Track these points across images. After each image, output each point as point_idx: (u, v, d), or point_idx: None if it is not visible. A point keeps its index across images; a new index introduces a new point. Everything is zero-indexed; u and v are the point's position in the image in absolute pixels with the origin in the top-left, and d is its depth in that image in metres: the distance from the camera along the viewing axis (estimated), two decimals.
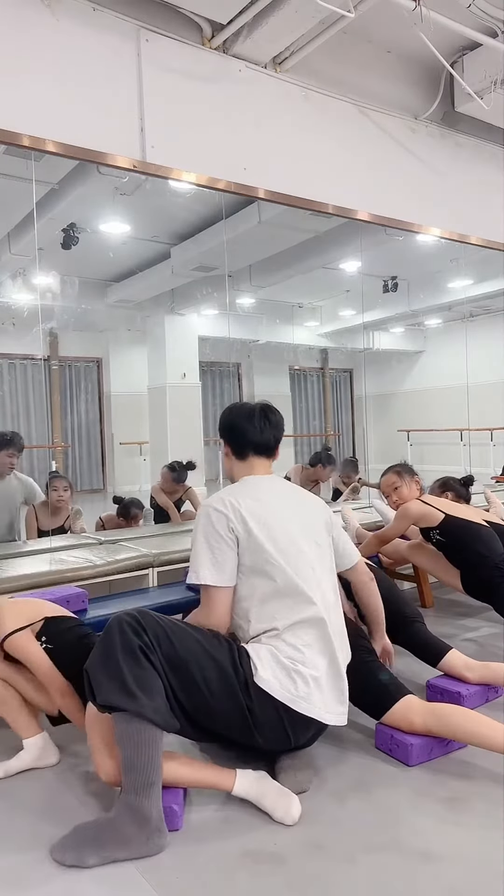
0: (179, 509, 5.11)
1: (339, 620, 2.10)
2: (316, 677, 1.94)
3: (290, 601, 1.98)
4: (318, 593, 2.02)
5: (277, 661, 1.92)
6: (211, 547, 2.02)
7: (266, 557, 1.99)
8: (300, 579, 2.00)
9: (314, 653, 1.96)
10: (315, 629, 1.99)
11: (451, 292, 8.27)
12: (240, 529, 2.01)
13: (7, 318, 7.38)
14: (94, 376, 9.28)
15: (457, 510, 3.20)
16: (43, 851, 1.73)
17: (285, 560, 2.00)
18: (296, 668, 1.92)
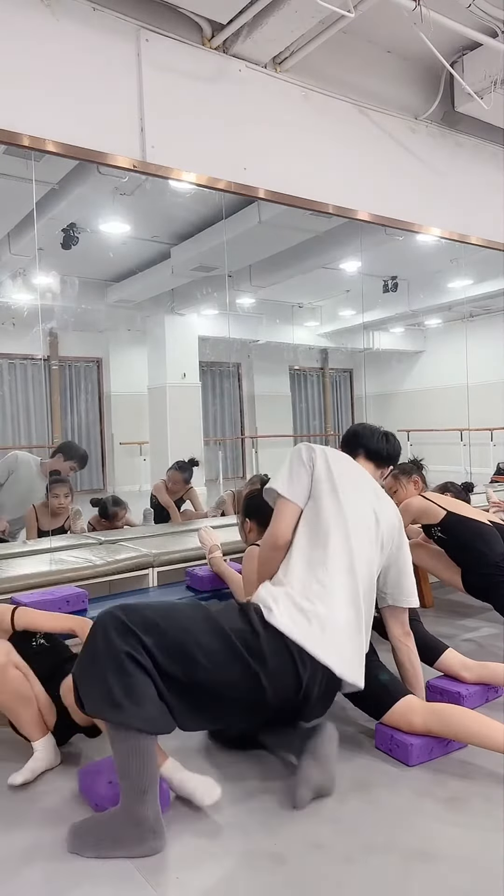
0: (179, 509, 5.11)
1: (370, 590, 2.10)
2: (334, 623, 1.92)
3: (331, 546, 2.03)
4: (360, 557, 2.05)
5: (293, 602, 1.92)
6: (291, 468, 2.17)
7: (328, 495, 2.10)
8: (350, 531, 2.05)
9: (338, 598, 1.96)
10: (345, 577, 2.00)
11: (451, 292, 8.28)
12: (320, 464, 2.15)
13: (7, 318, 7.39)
14: (94, 376, 9.29)
15: (459, 507, 3.20)
16: (43, 851, 1.74)
17: (343, 510, 2.08)
18: (314, 608, 1.91)
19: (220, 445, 9.62)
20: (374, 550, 2.13)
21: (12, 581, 2.81)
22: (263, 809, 1.90)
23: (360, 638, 2.00)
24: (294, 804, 1.87)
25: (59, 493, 4.15)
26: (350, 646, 1.96)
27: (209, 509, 5.16)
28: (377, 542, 2.15)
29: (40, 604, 2.60)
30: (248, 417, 10.20)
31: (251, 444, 10.06)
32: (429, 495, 3.26)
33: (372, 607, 2.12)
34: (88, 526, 4.50)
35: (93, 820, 1.78)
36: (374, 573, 2.14)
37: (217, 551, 3.02)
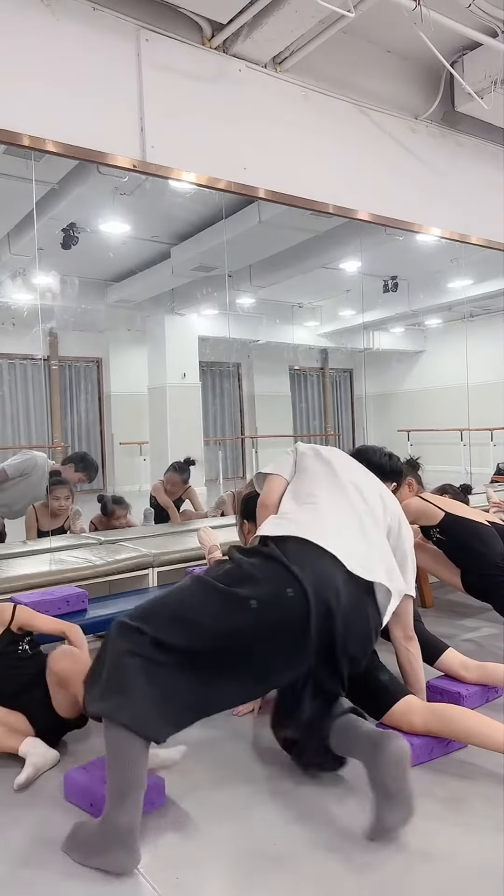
0: (179, 509, 5.11)
1: (380, 533, 2.10)
2: (326, 519, 1.98)
3: (321, 495, 2.10)
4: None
5: (276, 517, 2.05)
6: (278, 461, 2.31)
7: (314, 460, 2.23)
8: (345, 492, 2.12)
9: (329, 503, 2.05)
10: (341, 492, 2.12)
11: (451, 292, 8.27)
12: (304, 449, 2.29)
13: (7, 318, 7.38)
14: (94, 376, 9.28)
15: (457, 508, 3.20)
16: (43, 851, 1.73)
17: (338, 475, 2.17)
18: (301, 513, 2.01)
19: (220, 445, 9.61)
20: (377, 521, 2.12)
21: (12, 581, 2.81)
22: (264, 810, 1.90)
23: (373, 542, 2.01)
24: (369, 836, 1.75)
25: (59, 495, 4.16)
26: (355, 541, 1.96)
27: (209, 509, 5.16)
28: (383, 523, 2.15)
29: (40, 604, 2.61)
30: (248, 417, 10.20)
31: (251, 444, 10.05)
32: (427, 496, 3.25)
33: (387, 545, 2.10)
34: (91, 525, 4.51)
35: (89, 823, 1.75)
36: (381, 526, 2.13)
37: (216, 551, 3.02)
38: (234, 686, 1.79)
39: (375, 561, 1.96)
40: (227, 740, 2.32)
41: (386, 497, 2.24)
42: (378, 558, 1.98)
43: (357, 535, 1.99)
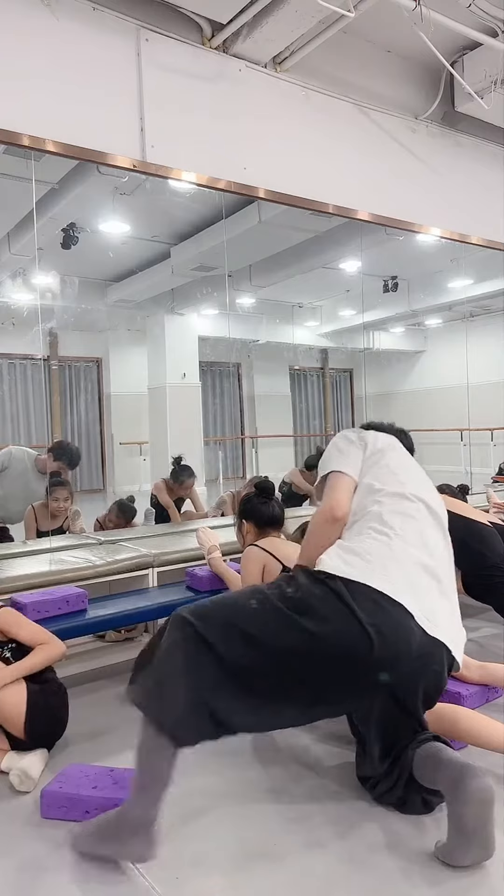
0: (179, 509, 5.11)
1: (449, 571, 1.87)
2: (393, 558, 1.74)
3: (392, 503, 1.88)
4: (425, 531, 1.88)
5: (342, 547, 1.78)
6: (339, 448, 2.04)
7: (381, 471, 1.96)
8: (406, 505, 1.89)
9: (403, 540, 1.78)
10: (414, 522, 1.84)
11: (451, 292, 8.27)
12: (369, 441, 2.04)
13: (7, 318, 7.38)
14: (94, 376, 9.28)
15: (458, 508, 3.20)
16: (43, 852, 1.73)
17: (404, 485, 1.94)
18: (369, 547, 1.75)
19: (220, 445, 9.61)
20: (438, 533, 1.94)
21: (12, 581, 2.81)
22: (263, 810, 1.90)
23: (439, 591, 1.78)
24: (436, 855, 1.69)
25: (58, 496, 4.16)
26: (424, 588, 1.74)
27: (209, 509, 5.15)
28: (440, 526, 1.98)
29: (40, 604, 2.61)
30: (248, 417, 10.19)
31: (251, 443, 10.05)
32: None
33: (453, 579, 1.89)
34: (96, 524, 4.53)
35: (101, 818, 1.73)
36: (445, 546, 1.94)
37: (216, 551, 3.02)
38: (273, 707, 1.68)
39: (446, 617, 1.79)
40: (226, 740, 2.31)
41: (441, 507, 2.04)
42: (449, 612, 1.81)
43: (432, 584, 1.78)
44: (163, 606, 2.89)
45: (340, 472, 1.95)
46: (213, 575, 2.99)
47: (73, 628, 2.64)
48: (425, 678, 1.79)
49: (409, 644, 1.67)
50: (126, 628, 3.10)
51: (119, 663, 3.05)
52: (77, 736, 2.37)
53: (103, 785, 1.89)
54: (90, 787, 1.88)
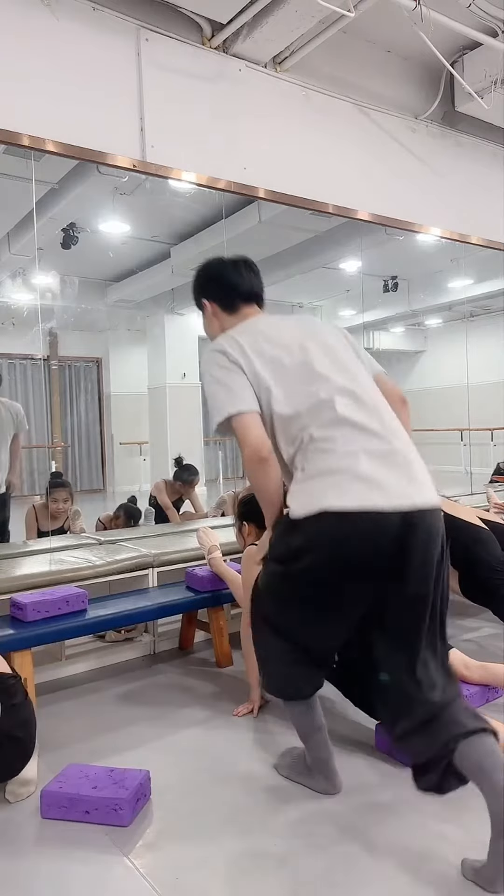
0: (179, 510, 5.11)
1: (378, 414, 1.80)
2: (352, 468, 1.67)
3: (316, 409, 1.78)
4: (344, 397, 1.79)
5: (301, 483, 1.73)
6: (220, 382, 1.84)
7: (281, 375, 1.84)
8: (317, 387, 1.80)
9: (351, 444, 1.71)
10: (347, 425, 1.74)
11: (451, 292, 8.27)
12: (241, 361, 1.85)
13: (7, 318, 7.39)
14: (94, 376, 9.29)
15: (456, 510, 3.20)
16: (47, 853, 1.74)
17: (294, 376, 1.84)
18: (320, 465, 1.70)
19: (219, 445, 9.61)
20: (350, 362, 1.90)
21: (12, 581, 2.81)
22: (263, 809, 1.90)
23: (400, 459, 1.72)
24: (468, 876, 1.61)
25: (58, 497, 4.17)
26: (383, 470, 1.68)
27: (210, 509, 5.15)
28: (347, 354, 1.93)
29: (40, 604, 2.61)
30: None
31: None
32: None
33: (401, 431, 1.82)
34: (99, 524, 4.53)
35: (297, 750, 2.10)
36: (367, 376, 1.90)
37: (216, 552, 3.02)
38: (325, 632, 1.81)
39: (421, 475, 1.74)
40: (226, 740, 2.32)
41: (338, 339, 1.96)
42: (419, 468, 1.75)
43: (384, 455, 1.71)
44: (163, 606, 2.89)
45: (240, 414, 1.80)
46: (213, 575, 2.99)
47: (73, 628, 2.63)
48: (420, 552, 1.68)
49: (386, 535, 1.63)
50: (126, 628, 3.10)
51: (119, 663, 3.05)
52: (77, 736, 2.37)
53: (103, 785, 1.89)
54: (90, 787, 1.88)
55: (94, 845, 1.75)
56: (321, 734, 1.95)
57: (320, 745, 1.96)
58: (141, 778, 1.93)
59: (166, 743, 2.31)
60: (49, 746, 2.28)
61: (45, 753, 2.23)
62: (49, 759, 2.19)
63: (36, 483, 7.56)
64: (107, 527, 4.47)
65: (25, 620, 2.57)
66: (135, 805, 1.87)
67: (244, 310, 2.08)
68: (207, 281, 2.17)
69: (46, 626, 2.56)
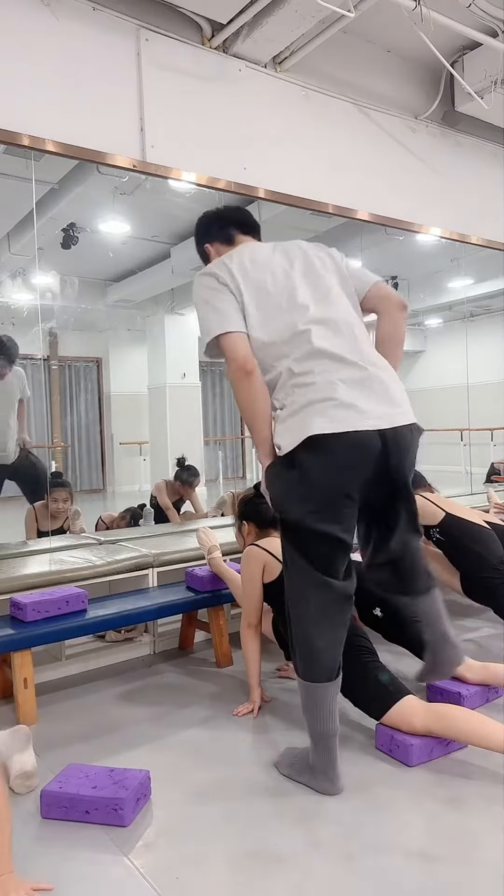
0: (179, 510, 5.11)
1: (353, 342, 1.92)
2: (332, 396, 1.81)
3: (295, 339, 1.89)
4: (320, 328, 1.90)
5: (286, 421, 1.85)
6: (209, 303, 1.96)
7: (264, 301, 1.94)
8: (297, 316, 1.91)
9: (327, 374, 1.84)
10: (323, 357, 1.86)
11: (451, 292, 8.27)
12: (229, 281, 1.96)
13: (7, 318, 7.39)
14: (94, 376, 9.29)
15: (457, 510, 3.20)
16: (50, 854, 1.74)
17: (275, 303, 1.94)
18: (305, 404, 1.82)
19: (219, 445, 9.61)
20: (332, 288, 2.00)
21: (12, 581, 2.81)
22: (263, 809, 1.90)
23: (376, 383, 1.87)
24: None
25: (58, 497, 4.18)
26: (366, 397, 1.83)
27: (210, 509, 5.16)
28: (333, 281, 2.02)
29: (40, 604, 2.61)
30: None
31: (251, 443, 10.06)
32: (428, 496, 3.25)
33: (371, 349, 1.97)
34: (101, 524, 4.54)
35: (298, 750, 2.09)
36: (350, 309, 2.00)
37: (216, 552, 3.02)
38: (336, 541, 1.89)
39: (398, 396, 1.90)
40: (226, 740, 2.32)
41: (325, 263, 2.05)
42: (395, 389, 1.91)
43: (370, 376, 1.86)
44: (163, 606, 2.89)
45: (227, 333, 1.92)
46: (213, 575, 2.99)
47: (73, 628, 2.63)
48: (395, 460, 1.87)
49: (369, 450, 1.82)
50: (126, 628, 3.10)
51: (119, 663, 3.05)
52: (77, 736, 2.37)
53: (103, 785, 1.89)
54: (90, 787, 1.88)
55: (94, 845, 1.75)
56: (335, 738, 1.94)
57: (331, 748, 1.95)
58: (141, 778, 1.93)
59: (166, 743, 2.31)
60: (49, 746, 2.29)
61: (45, 753, 2.23)
62: (49, 759, 2.19)
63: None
64: (108, 526, 4.48)
65: (25, 620, 2.57)
66: (135, 805, 1.87)
67: (240, 239, 2.19)
68: (208, 223, 2.27)
69: (46, 626, 2.56)
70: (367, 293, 2.08)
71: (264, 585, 2.49)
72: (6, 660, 2.55)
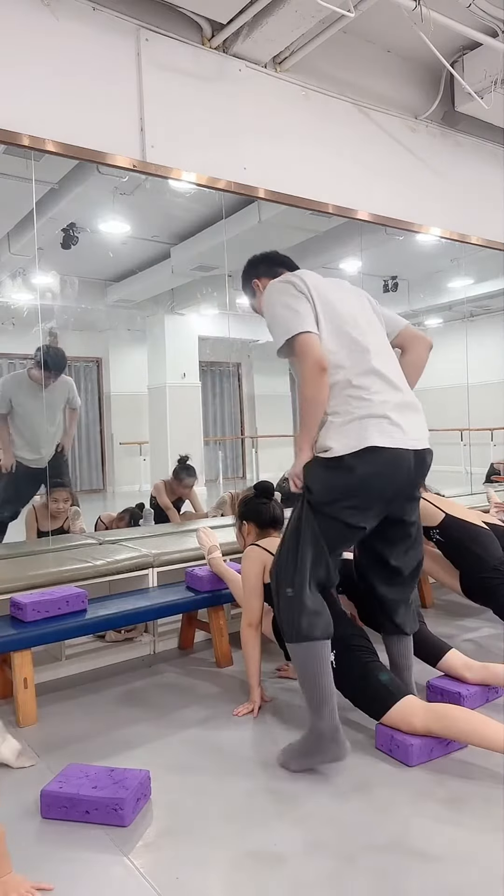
0: (179, 510, 5.11)
1: (396, 370, 2.24)
2: (386, 415, 2.08)
3: (355, 355, 2.14)
4: (375, 351, 2.18)
5: (342, 426, 2.08)
6: (287, 306, 2.16)
7: (332, 316, 2.17)
8: (357, 335, 2.17)
9: (382, 395, 2.11)
10: (378, 377, 2.13)
11: (451, 292, 8.27)
12: (309, 292, 2.18)
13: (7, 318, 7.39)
14: (94, 376, 9.29)
15: (457, 510, 3.20)
16: (50, 854, 1.74)
17: (341, 320, 2.18)
18: (363, 416, 2.07)
19: (219, 445, 9.61)
20: (377, 327, 2.29)
21: (12, 581, 2.81)
22: (263, 809, 1.90)
23: (414, 412, 2.18)
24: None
25: (58, 497, 4.18)
26: (409, 422, 2.12)
27: (209, 509, 5.15)
28: (375, 319, 2.32)
29: (40, 604, 2.61)
30: (248, 417, 10.20)
31: (251, 443, 10.06)
32: (428, 496, 3.25)
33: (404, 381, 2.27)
34: (99, 523, 4.54)
35: (296, 742, 2.12)
36: (388, 345, 2.30)
37: (216, 552, 3.02)
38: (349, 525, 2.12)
39: (423, 423, 2.22)
40: (226, 740, 2.32)
41: (363, 301, 2.33)
42: (422, 417, 2.22)
43: (409, 403, 2.18)
44: (163, 606, 2.89)
45: (307, 333, 2.11)
46: (213, 575, 2.99)
47: (73, 628, 2.63)
48: (418, 477, 2.20)
49: (405, 465, 2.11)
50: (126, 628, 3.10)
51: (119, 663, 3.05)
52: (77, 736, 2.37)
53: (103, 785, 1.89)
54: (90, 787, 1.88)
55: (94, 845, 1.75)
56: (335, 698, 2.06)
57: (334, 709, 2.04)
58: (141, 778, 1.93)
59: (166, 743, 2.31)
60: (49, 746, 2.29)
61: (45, 753, 2.23)
62: (49, 759, 2.19)
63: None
64: (108, 526, 4.48)
65: (25, 620, 2.57)
66: (135, 805, 1.87)
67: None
68: (258, 263, 2.56)
69: (46, 626, 2.56)
70: (400, 333, 2.41)
71: (265, 585, 2.49)
72: (6, 660, 2.55)
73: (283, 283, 2.22)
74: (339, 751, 2.04)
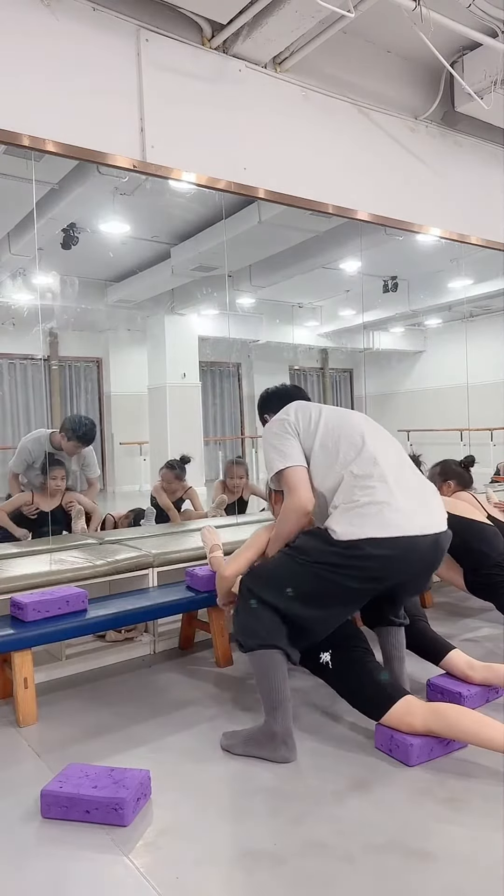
0: (179, 510, 5.11)
1: (411, 471, 2.31)
2: (385, 501, 2.12)
3: (352, 454, 2.24)
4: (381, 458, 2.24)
5: (346, 511, 2.14)
6: (275, 446, 2.31)
7: (325, 431, 2.30)
8: (355, 437, 2.27)
9: (381, 485, 2.16)
10: (381, 467, 2.20)
11: (451, 292, 8.28)
12: (298, 425, 2.33)
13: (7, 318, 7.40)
14: (94, 376, 9.29)
15: (459, 508, 3.20)
16: (51, 857, 1.74)
17: (341, 432, 2.30)
18: (364, 504, 2.12)
19: (219, 445, 9.62)
20: (388, 444, 2.36)
21: (12, 581, 2.81)
22: (263, 809, 1.91)
23: (423, 494, 2.25)
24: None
25: (56, 475, 4.25)
26: (413, 506, 2.16)
27: (209, 509, 5.15)
28: (381, 433, 2.39)
29: (40, 604, 2.61)
30: (248, 417, 10.20)
31: (251, 443, 10.06)
32: None
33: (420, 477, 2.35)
34: (109, 518, 4.59)
35: (244, 731, 2.22)
36: (400, 451, 2.37)
37: (218, 551, 3.02)
38: (329, 613, 2.21)
39: (437, 506, 2.26)
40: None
41: (366, 419, 2.43)
42: (436, 504, 2.26)
43: (415, 493, 2.23)
44: (163, 606, 2.89)
45: (292, 468, 2.26)
46: (214, 574, 2.99)
47: (73, 628, 2.63)
48: (432, 561, 2.27)
49: (414, 559, 2.16)
50: (126, 628, 3.10)
51: (119, 663, 3.06)
52: (77, 736, 2.37)
53: (103, 785, 1.89)
54: (90, 787, 1.88)
55: (94, 845, 1.75)
56: (290, 703, 2.14)
57: (288, 712, 2.13)
58: (141, 778, 1.93)
59: (166, 743, 2.31)
60: (49, 746, 2.29)
61: (45, 753, 2.24)
62: (49, 759, 2.20)
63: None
64: (117, 523, 4.55)
65: (25, 620, 2.57)
66: (135, 805, 1.87)
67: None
68: (268, 399, 2.73)
69: (46, 626, 2.56)
70: None
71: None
72: (6, 660, 2.56)
73: (276, 420, 2.39)
74: (287, 753, 2.12)
